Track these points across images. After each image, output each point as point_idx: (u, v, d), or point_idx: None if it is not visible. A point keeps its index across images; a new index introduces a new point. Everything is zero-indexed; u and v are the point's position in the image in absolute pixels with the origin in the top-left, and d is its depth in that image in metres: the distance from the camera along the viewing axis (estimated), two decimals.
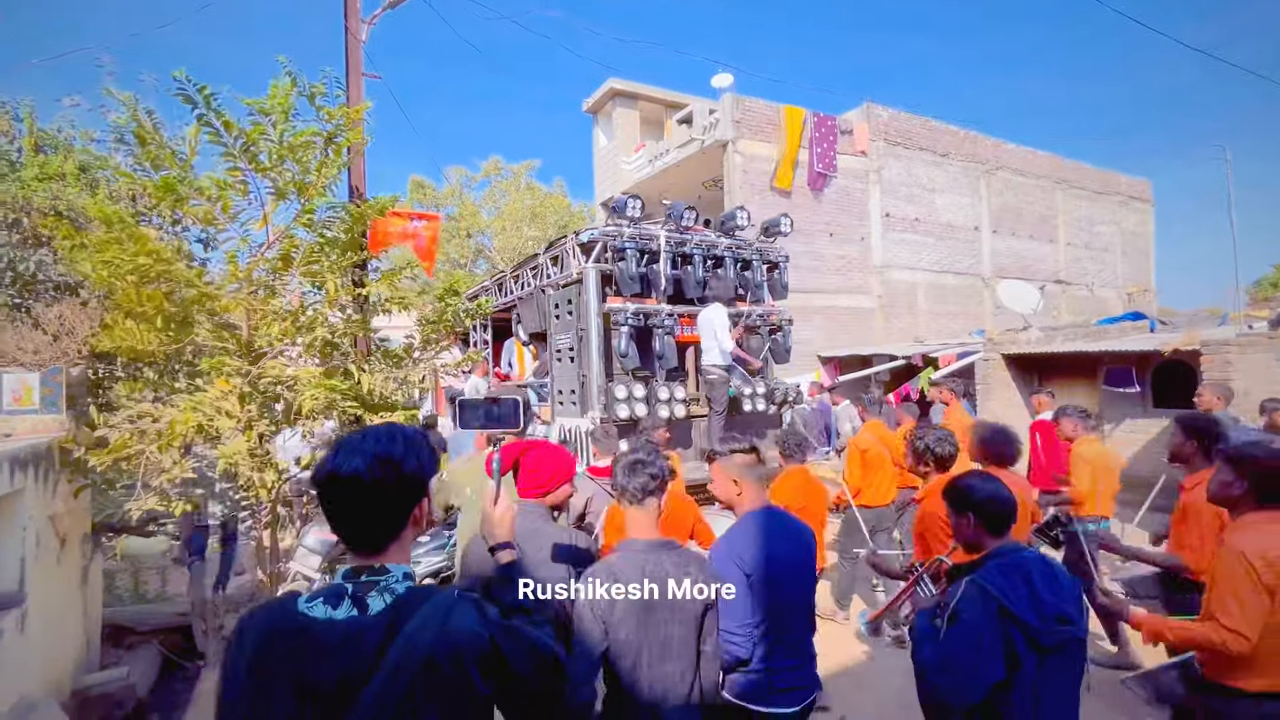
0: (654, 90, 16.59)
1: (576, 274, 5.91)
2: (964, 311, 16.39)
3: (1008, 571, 1.82)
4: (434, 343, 4.81)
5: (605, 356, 5.68)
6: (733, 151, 12.68)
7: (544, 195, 32.63)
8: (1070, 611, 1.80)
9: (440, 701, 0.99)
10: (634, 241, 5.76)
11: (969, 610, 1.78)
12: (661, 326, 5.84)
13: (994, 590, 1.78)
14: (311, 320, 3.86)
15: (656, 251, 5.92)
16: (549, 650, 1.18)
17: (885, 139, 14.86)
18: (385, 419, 4.00)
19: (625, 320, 5.60)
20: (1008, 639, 1.74)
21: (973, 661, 1.73)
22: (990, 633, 1.74)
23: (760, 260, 6.73)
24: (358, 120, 4.20)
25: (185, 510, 3.47)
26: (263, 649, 1.00)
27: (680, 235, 6.19)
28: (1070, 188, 19.12)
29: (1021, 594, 1.78)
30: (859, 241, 14.48)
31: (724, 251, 6.45)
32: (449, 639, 1.01)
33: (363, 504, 1.07)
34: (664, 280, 5.94)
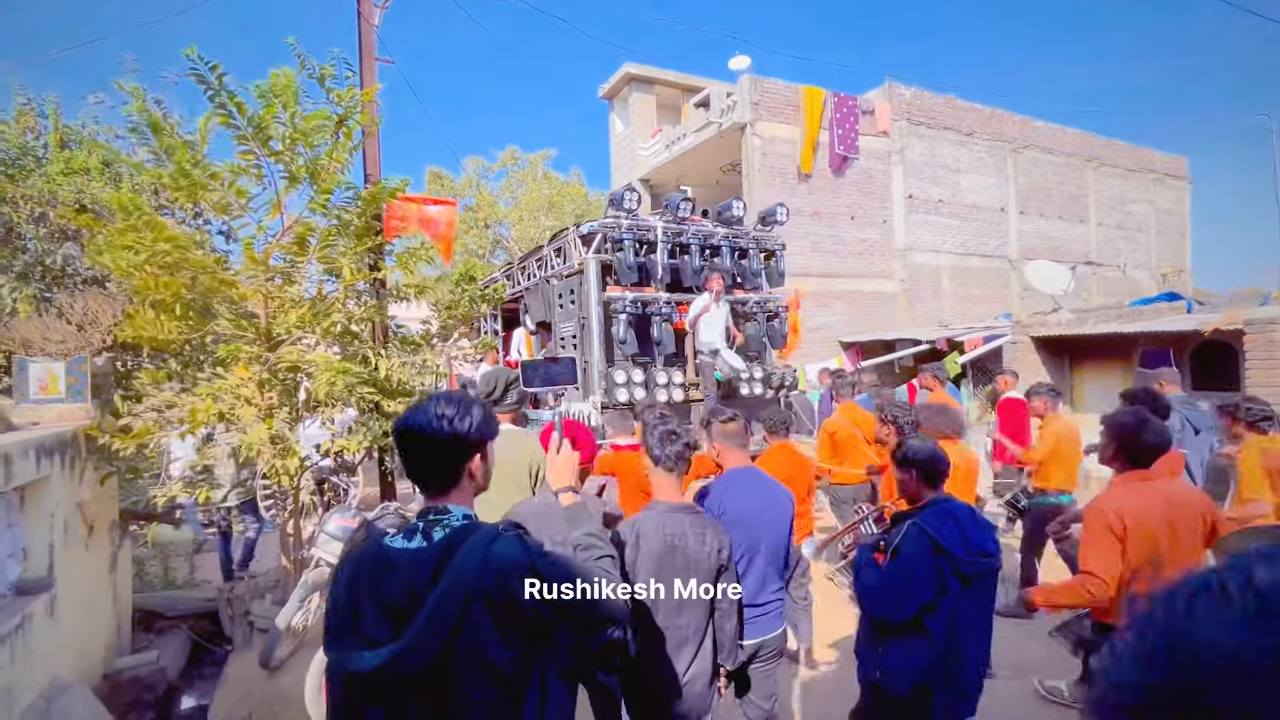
0: (671, 74, 16.37)
1: (578, 264, 6.17)
2: (990, 295, 16.01)
3: (942, 515, 2.20)
4: (451, 329, 4.79)
5: (605, 343, 5.94)
6: (751, 134, 12.47)
7: (561, 184, 32.51)
8: (990, 548, 2.20)
9: (491, 610, 1.17)
10: (631, 232, 6.00)
11: (908, 545, 2.18)
12: (659, 314, 6.09)
13: (930, 530, 2.16)
14: (328, 306, 3.84)
15: (654, 242, 6.18)
16: (589, 577, 1.31)
17: (908, 118, 14.50)
18: (402, 404, 3.99)
19: (624, 308, 5.85)
20: (939, 570, 2.14)
21: (908, 586, 2.14)
22: (924, 563, 2.13)
23: (757, 248, 6.91)
24: (369, 103, 4.16)
25: (209, 497, 3.48)
26: (355, 573, 1.24)
27: (677, 226, 6.42)
28: (1102, 165, 18.51)
29: (952, 533, 2.16)
30: (881, 224, 14.19)
31: (720, 241, 6.65)
32: (494, 558, 1.21)
33: (425, 453, 1.30)
34: (661, 269, 6.20)
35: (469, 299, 4.49)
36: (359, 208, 4.00)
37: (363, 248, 4.16)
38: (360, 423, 4.06)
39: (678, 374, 5.97)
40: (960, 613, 2.15)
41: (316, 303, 3.85)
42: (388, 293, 4.26)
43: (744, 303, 6.72)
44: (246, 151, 3.32)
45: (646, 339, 6.08)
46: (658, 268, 6.20)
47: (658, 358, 6.13)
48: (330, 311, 3.80)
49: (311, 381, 3.48)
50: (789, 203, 13.19)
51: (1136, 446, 2.38)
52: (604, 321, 5.92)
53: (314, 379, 3.41)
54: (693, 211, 6.65)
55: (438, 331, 4.62)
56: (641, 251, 6.15)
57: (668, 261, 6.31)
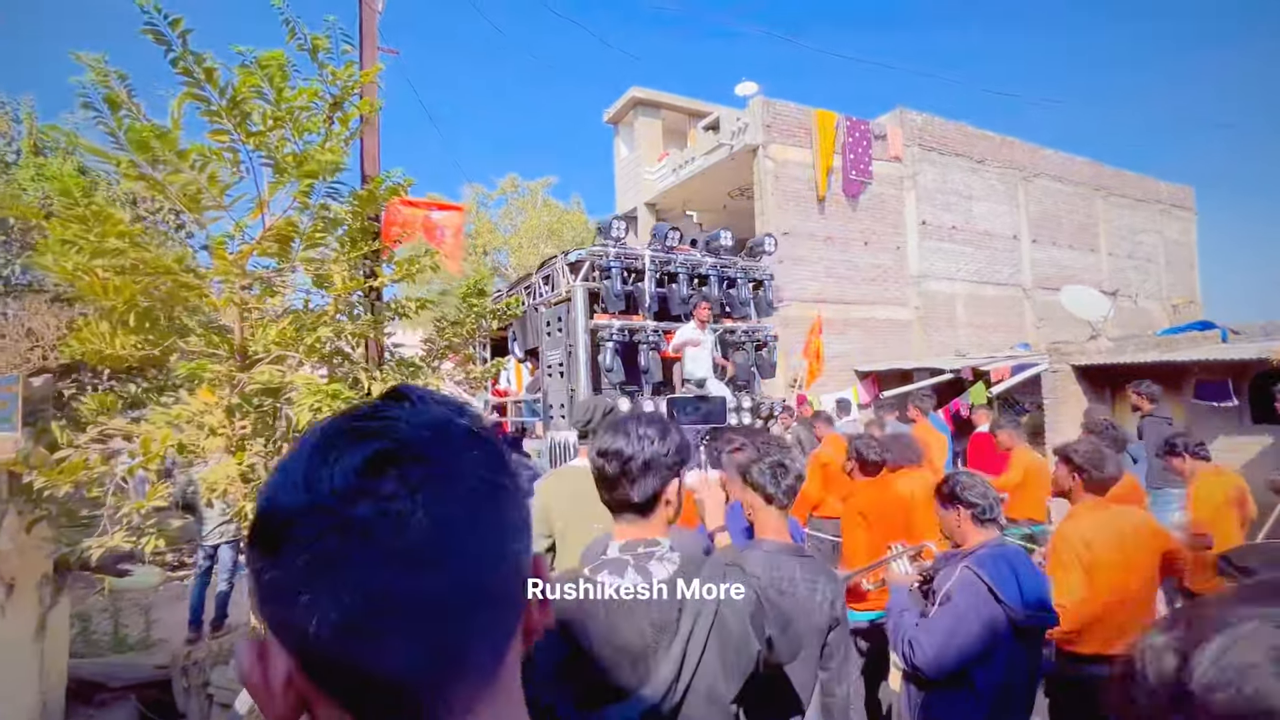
0: (677, 99, 16.15)
1: (565, 292, 6.18)
2: (1004, 324, 15.58)
3: (997, 560, 2.03)
4: (457, 348, 4.20)
5: (592, 372, 5.90)
6: (763, 157, 12.11)
7: (561, 212, 32.32)
8: (1046, 601, 2.05)
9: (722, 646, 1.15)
10: (619, 261, 6.03)
11: (963, 593, 2.01)
12: (646, 342, 6.10)
13: (985, 576, 1.99)
14: (315, 319, 3.25)
15: (642, 270, 6.22)
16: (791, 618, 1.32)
17: (919, 144, 14.23)
18: None
19: (610, 336, 5.86)
20: (992, 621, 1.96)
21: (957, 636, 1.96)
22: (980, 614, 1.96)
23: (745, 278, 6.93)
24: (370, 85, 3.64)
25: (157, 546, 2.84)
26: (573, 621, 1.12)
27: (665, 255, 6.46)
28: (1110, 195, 18.33)
29: (1010, 581, 1.98)
30: (895, 250, 13.79)
31: (709, 270, 6.69)
32: (733, 598, 1.19)
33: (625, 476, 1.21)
34: (648, 298, 6.23)
35: (476, 314, 3.91)
36: (353, 207, 3.44)
37: (357, 254, 3.59)
38: None
39: (663, 403, 5.87)
40: (1011, 670, 2.00)
41: (301, 316, 3.26)
42: (384, 306, 3.67)
43: (732, 332, 6.75)
44: (219, 131, 2.76)
45: (634, 367, 6.07)
46: (645, 296, 6.21)
47: (645, 386, 6.13)
48: (316, 326, 3.20)
49: (294, 408, 2.87)
50: (803, 227, 12.86)
51: (1097, 476, 2.46)
52: (590, 349, 5.89)
53: (295, 404, 2.79)
54: (680, 240, 6.69)
55: (439, 351, 4.03)
56: (629, 280, 6.18)
57: (655, 290, 6.32)
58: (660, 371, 6.12)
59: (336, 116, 3.25)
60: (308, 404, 2.75)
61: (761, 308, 7.04)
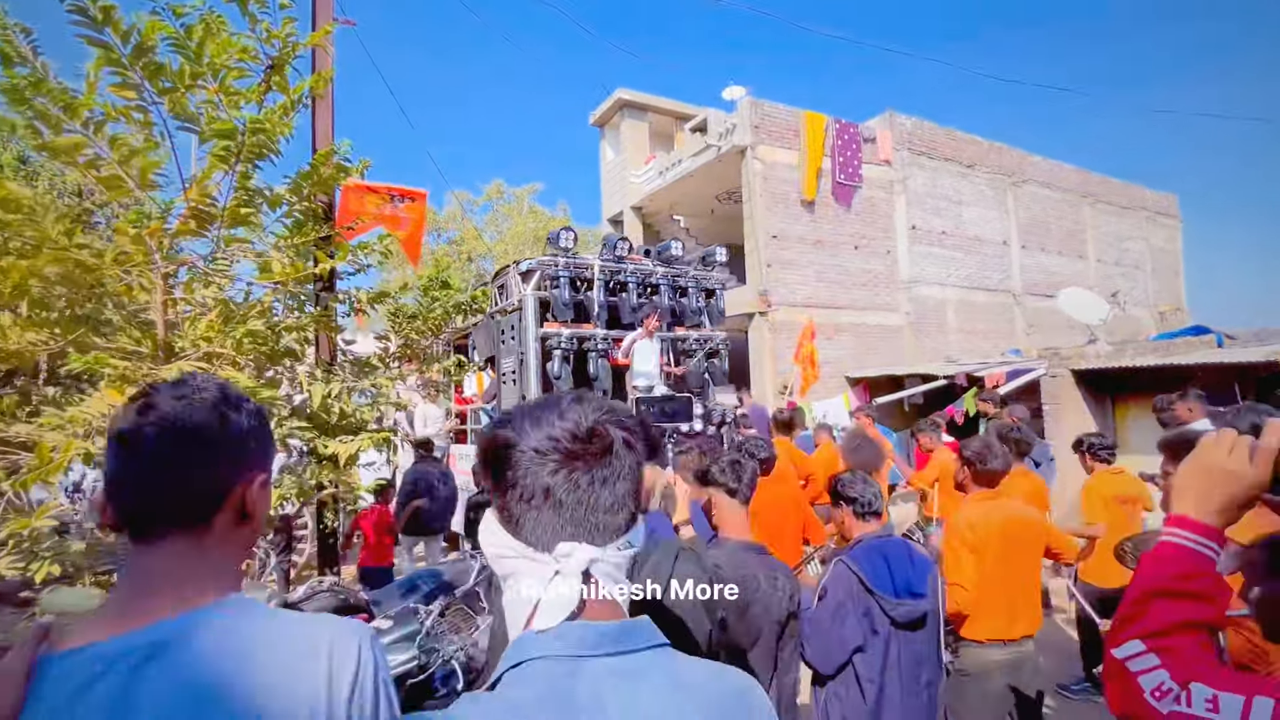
0: (664, 101, 15.90)
1: (517, 301, 6.28)
2: (994, 330, 15.41)
3: (870, 553, 2.14)
4: (414, 349, 3.80)
5: (543, 379, 6.04)
6: (751, 158, 11.84)
7: (546, 219, 31.99)
8: (920, 588, 2.12)
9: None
10: (568, 270, 6.18)
11: (834, 586, 2.13)
12: (596, 350, 6.23)
13: (857, 568, 2.09)
14: (245, 311, 2.84)
15: (592, 279, 6.37)
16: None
17: (909, 148, 14.06)
18: (345, 444, 2.96)
19: (559, 345, 6.00)
20: (867, 612, 2.07)
21: (836, 630, 2.05)
22: (852, 605, 2.06)
23: (697, 287, 7.08)
24: (322, 56, 3.26)
25: (46, 577, 2.41)
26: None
27: (615, 264, 6.55)
28: (1097, 202, 18.31)
29: (881, 570, 2.09)
30: (885, 255, 13.56)
31: (660, 279, 6.83)
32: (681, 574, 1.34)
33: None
34: (597, 306, 6.37)
35: (441, 309, 3.51)
36: (297, 185, 3.05)
37: (304, 240, 3.20)
38: (287, 469, 3.02)
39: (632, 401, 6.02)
40: (894, 659, 2.06)
41: (231, 308, 2.85)
42: (330, 298, 3.26)
43: (684, 340, 6.89)
44: (123, 85, 2.36)
45: (585, 375, 6.22)
46: (594, 305, 6.36)
47: (596, 392, 5.85)
48: (246, 318, 2.79)
49: None
50: (792, 230, 12.59)
51: (983, 468, 2.68)
52: (541, 357, 6.03)
53: None
54: (631, 250, 6.86)
55: (397, 350, 3.63)
56: (581, 289, 6.35)
57: (606, 299, 6.48)
58: (609, 379, 6.25)
59: (274, 81, 2.86)
60: None
61: (714, 316, 7.16)
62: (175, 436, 0.78)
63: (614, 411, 0.77)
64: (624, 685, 0.67)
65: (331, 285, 3.56)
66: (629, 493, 0.75)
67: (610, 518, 0.73)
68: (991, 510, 2.62)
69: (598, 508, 0.72)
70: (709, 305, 7.13)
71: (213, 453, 0.81)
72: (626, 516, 0.75)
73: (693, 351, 6.87)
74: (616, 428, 0.75)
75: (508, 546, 0.73)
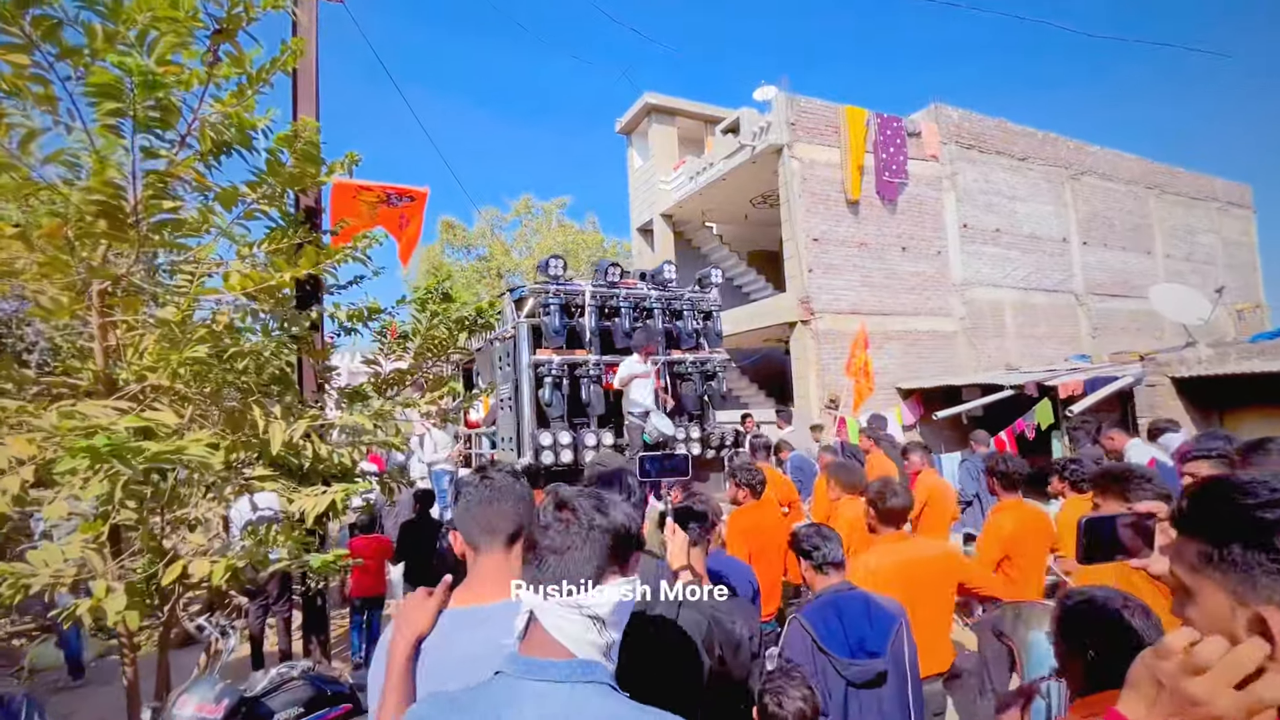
0: (693, 105, 15.31)
1: (511, 328, 6.34)
2: (1055, 333, 14.26)
3: (823, 608, 2.09)
4: (414, 373, 3.20)
5: (536, 405, 6.08)
6: (789, 157, 11.12)
7: (575, 232, 31.70)
8: (875, 647, 2.03)
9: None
10: (558, 297, 6.18)
11: (789, 646, 2.11)
12: (588, 376, 6.22)
13: (808, 625, 2.06)
14: (190, 333, 2.27)
15: (583, 305, 6.32)
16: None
17: (957, 141, 13.15)
18: (313, 495, 2.35)
19: (549, 372, 6.01)
20: (821, 672, 2.00)
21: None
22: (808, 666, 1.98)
23: (692, 310, 7.02)
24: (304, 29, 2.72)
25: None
26: None
27: (607, 289, 6.56)
28: (1164, 193, 17.00)
29: (832, 627, 2.04)
30: (935, 256, 12.64)
31: (654, 303, 6.78)
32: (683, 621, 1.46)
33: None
34: (588, 333, 6.33)
35: (443, 326, 2.91)
36: (259, 179, 2.48)
37: (273, 246, 2.63)
38: (249, 528, 2.42)
39: (608, 435, 6.06)
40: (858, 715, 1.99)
41: (172, 329, 2.28)
42: (300, 317, 2.67)
43: (680, 363, 6.84)
44: (9, 47, 1.81)
45: (578, 400, 6.22)
46: (585, 331, 6.34)
47: (590, 418, 6.24)
48: (190, 341, 2.22)
49: (77, 483, 1.88)
50: (834, 232, 11.79)
51: (886, 508, 2.68)
52: (534, 384, 6.04)
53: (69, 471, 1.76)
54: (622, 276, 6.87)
55: (392, 375, 3.03)
56: (575, 315, 6.34)
57: (599, 324, 6.44)
58: (603, 404, 6.22)
59: (222, 50, 2.29)
60: (74, 452, 1.70)
61: (710, 338, 7.11)
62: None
63: (595, 494, 1.02)
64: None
65: (311, 300, 2.98)
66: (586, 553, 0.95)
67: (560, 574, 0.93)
68: (890, 552, 2.61)
69: (545, 565, 0.94)
70: (706, 327, 7.08)
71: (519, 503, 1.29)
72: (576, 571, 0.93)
73: (689, 375, 6.83)
74: (589, 502, 0.99)
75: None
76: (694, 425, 6.63)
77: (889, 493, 2.67)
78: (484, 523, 1.27)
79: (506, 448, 6.53)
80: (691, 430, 6.52)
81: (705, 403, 6.91)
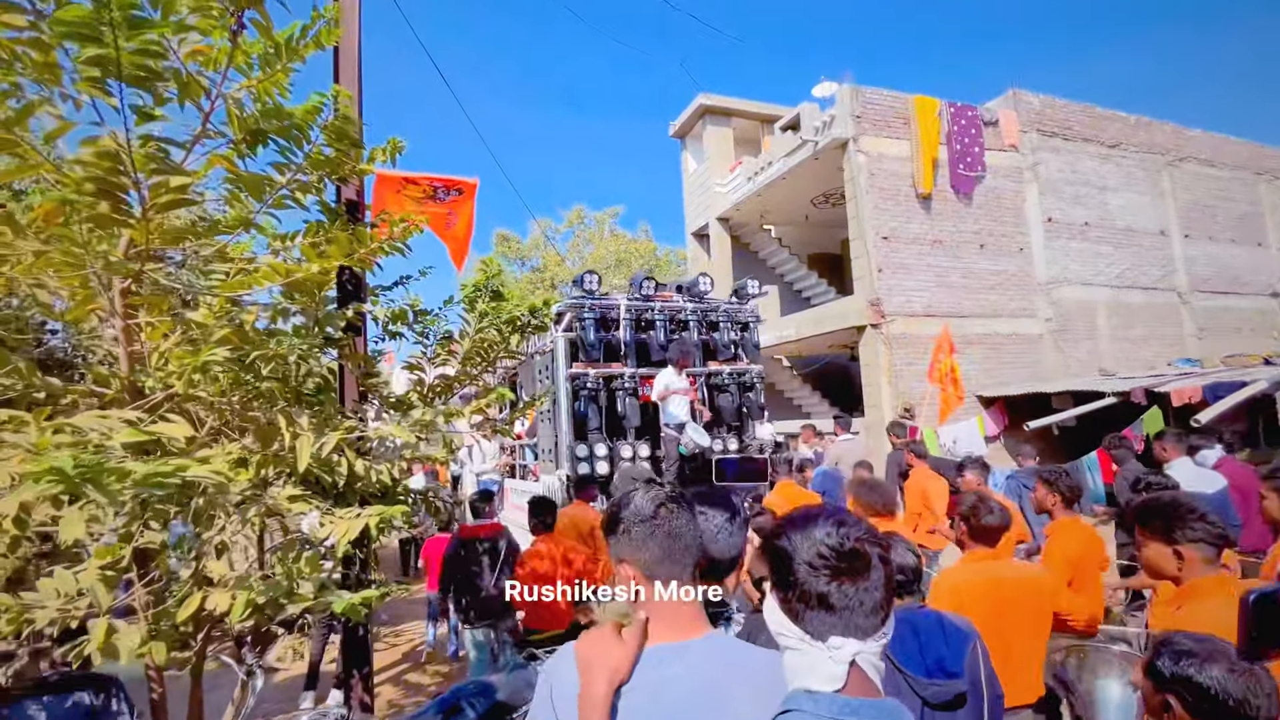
0: (749, 104, 14.84)
1: (549, 342, 6.47)
2: (1155, 335, 12.97)
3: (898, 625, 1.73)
4: (464, 380, 2.89)
5: (573, 418, 6.15)
6: (855, 151, 10.50)
7: (628, 241, 31.59)
8: (954, 666, 1.90)
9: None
10: (593, 311, 6.31)
11: None
12: (623, 389, 6.28)
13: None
14: (209, 334, 2.01)
15: (618, 319, 6.42)
16: None
17: (1038, 129, 12.18)
18: (346, 518, 2.03)
19: (585, 385, 6.12)
20: (898, 692, 1.84)
21: None
22: (888, 685, 1.81)
23: (729, 321, 7.02)
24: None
25: None
26: None
27: (642, 303, 6.63)
28: (1275, 179, 15.34)
29: (908, 646, 1.91)
30: (1017, 253, 11.69)
31: (689, 316, 6.84)
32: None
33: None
34: (623, 346, 6.43)
35: (493, 326, 2.58)
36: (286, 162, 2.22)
37: (313, 239, 2.36)
38: (276, 552, 2.12)
39: (644, 447, 6.12)
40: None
41: (192, 328, 2.02)
42: (334, 317, 2.38)
43: (716, 374, 6.85)
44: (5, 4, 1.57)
45: (614, 413, 6.29)
46: (620, 344, 6.44)
47: (628, 431, 6.28)
48: (209, 344, 1.95)
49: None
50: (905, 230, 11.06)
51: (980, 525, 2.50)
52: (571, 397, 6.12)
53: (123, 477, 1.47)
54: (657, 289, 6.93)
55: (438, 383, 2.72)
56: (612, 328, 6.45)
57: (634, 337, 6.52)
58: (639, 417, 6.26)
59: (247, 17, 2.02)
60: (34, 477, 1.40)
61: (748, 349, 7.12)
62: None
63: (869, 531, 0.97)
64: None
65: (351, 299, 2.71)
66: (885, 599, 0.94)
67: (872, 619, 0.92)
68: (979, 570, 2.45)
69: (862, 611, 0.92)
70: (743, 339, 7.10)
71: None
72: (883, 616, 0.94)
73: (725, 386, 6.86)
74: (871, 544, 0.95)
75: (789, 630, 0.96)
76: (732, 437, 6.62)
77: (984, 510, 2.51)
78: (671, 554, 1.18)
79: (546, 459, 6.74)
80: (730, 442, 6.51)
81: (743, 414, 6.93)
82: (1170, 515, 1.90)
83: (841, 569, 0.92)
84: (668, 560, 1.15)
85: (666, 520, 1.17)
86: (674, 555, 1.15)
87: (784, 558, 0.96)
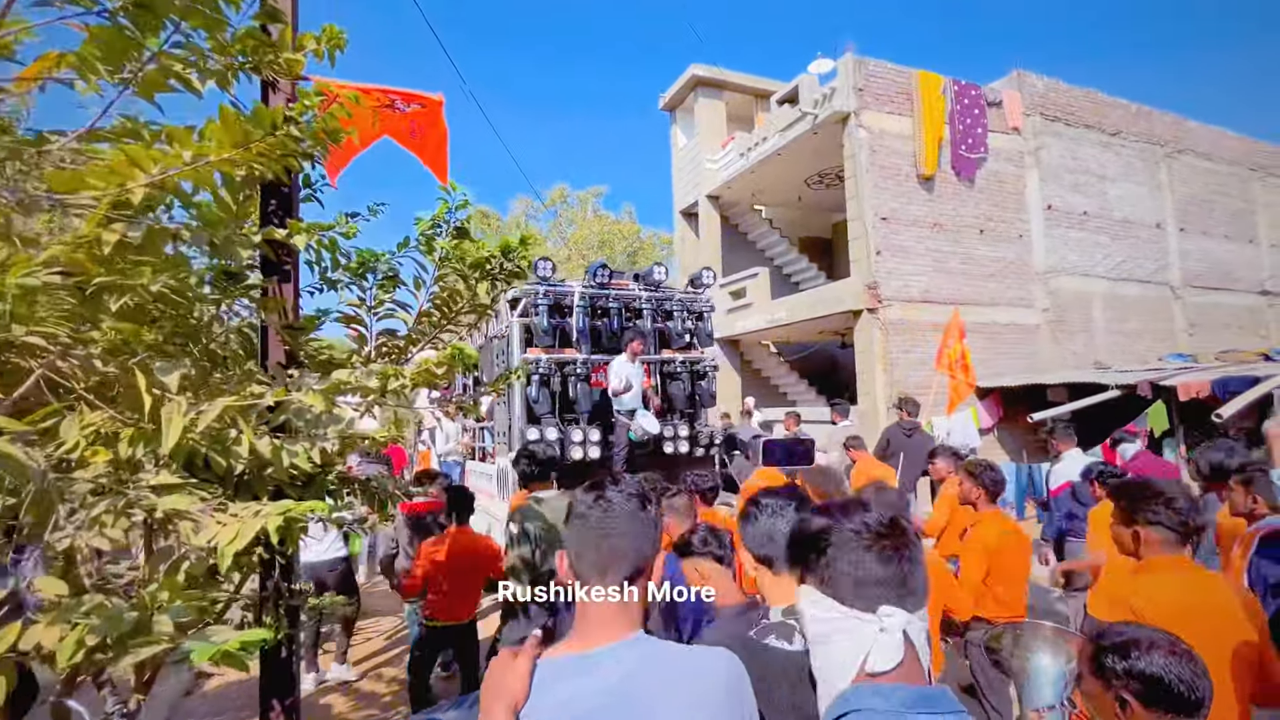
0: (743, 77, 14.21)
1: (505, 327, 6.61)
2: (1148, 329, 12.78)
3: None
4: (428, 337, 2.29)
5: (526, 403, 6.29)
6: (856, 126, 9.97)
7: (611, 222, 30.86)
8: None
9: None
10: (547, 298, 6.34)
11: None
12: (575, 375, 6.36)
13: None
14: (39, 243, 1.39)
15: (572, 306, 6.49)
16: None
17: (1041, 113, 11.78)
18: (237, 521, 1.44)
19: (537, 370, 6.17)
20: None
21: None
22: None
23: (683, 310, 7.09)
24: None
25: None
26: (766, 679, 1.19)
27: (596, 290, 6.67)
28: (1269, 176, 15.22)
29: None
30: (1017, 240, 11.33)
31: (644, 304, 6.90)
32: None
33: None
34: (575, 333, 6.48)
35: (454, 273, 1.99)
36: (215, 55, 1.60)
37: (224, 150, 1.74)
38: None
39: (595, 432, 6.17)
40: None
41: (15, 243, 1.40)
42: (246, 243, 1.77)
43: (669, 362, 6.95)
44: None
45: (566, 398, 6.40)
46: (573, 331, 6.49)
47: (581, 415, 6.39)
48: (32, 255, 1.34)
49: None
50: (905, 211, 10.57)
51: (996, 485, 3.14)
52: (525, 381, 6.19)
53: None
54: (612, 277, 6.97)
55: (384, 343, 2.13)
56: (566, 315, 6.51)
57: (588, 324, 6.58)
58: (588, 402, 6.37)
59: None
60: None
61: (702, 339, 7.22)
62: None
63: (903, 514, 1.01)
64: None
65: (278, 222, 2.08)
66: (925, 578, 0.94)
67: (917, 594, 0.92)
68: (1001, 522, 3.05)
69: (908, 584, 0.91)
70: (698, 328, 7.18)
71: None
72: (924, 593, 0.93)
73: (678, 374, 6.95)
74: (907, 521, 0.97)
75: (834, 610, 0.92)
76: (684, 424, 6.73)
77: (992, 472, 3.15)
78: (597, 557, 1.06)
79: (500, 442, 6.87)
80: (681, 429, 6.62)
81: (696, 401, 7.05)
82: (1135, 497, 1.99)
83: (885, 534, 0.93)
84: (591, 565, 1.06)
85: (598, 520, 1.08)
86: (598, 561, 1.05)
87: (823, 534, 0.96)
